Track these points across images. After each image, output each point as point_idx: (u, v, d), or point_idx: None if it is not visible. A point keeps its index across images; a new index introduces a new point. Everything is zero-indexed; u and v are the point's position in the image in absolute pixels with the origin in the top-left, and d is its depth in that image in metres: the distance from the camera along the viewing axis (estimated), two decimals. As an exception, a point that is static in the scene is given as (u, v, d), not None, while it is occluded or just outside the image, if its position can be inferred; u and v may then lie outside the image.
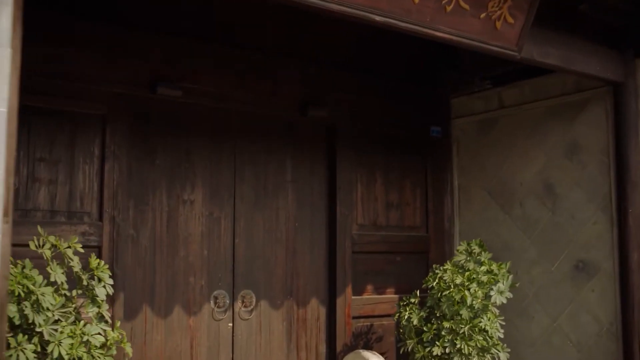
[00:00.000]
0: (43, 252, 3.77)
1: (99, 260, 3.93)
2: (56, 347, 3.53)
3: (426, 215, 6.37)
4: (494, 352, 5.20)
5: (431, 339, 5.19)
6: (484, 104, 6.24)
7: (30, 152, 4.52)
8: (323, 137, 5.86)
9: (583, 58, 4.90)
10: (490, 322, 5.14)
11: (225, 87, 5.25)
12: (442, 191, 6.45)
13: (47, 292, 3.62)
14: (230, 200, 5.35)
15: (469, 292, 5.12)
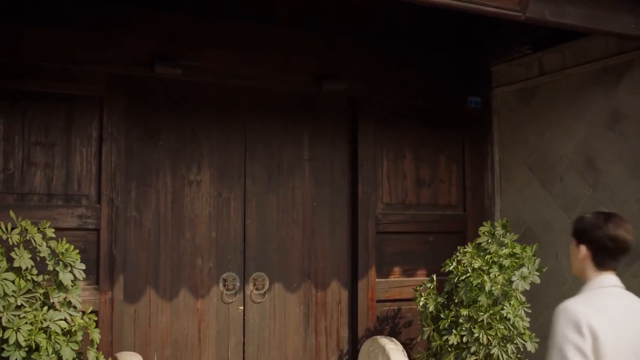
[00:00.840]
0: (10, 237, 3.75)
1: (68, 245, 3.88)
2: (13, 333, 3.51)
3: (463, 192, 5.94)
4: (518, 342, 4.78)
5: (448, 327, 4.83)
6: (525, 71, 5.71)
7: (26, 136, 4.54)
8: (345, 111, 5.57)
9: (612, 15, 4.31)
10: (514, 310, 4.71)
11: (231, 63, 5.07)
12: (481, 166, 5.99)
13: (9, 277, 3.60)
14: (240, 180, 5.19)
15: (488, 277, 4.72)
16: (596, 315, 2.50)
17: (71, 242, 4.49)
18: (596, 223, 2.69)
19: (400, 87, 5.65)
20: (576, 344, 2.46)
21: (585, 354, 2.45)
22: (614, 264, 2.68)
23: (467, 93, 5.92)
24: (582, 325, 2.46)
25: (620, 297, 2.65)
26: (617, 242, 2.64)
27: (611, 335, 2.48)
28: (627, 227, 2.68)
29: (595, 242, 2.68)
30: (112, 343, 4.62)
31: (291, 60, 5.27)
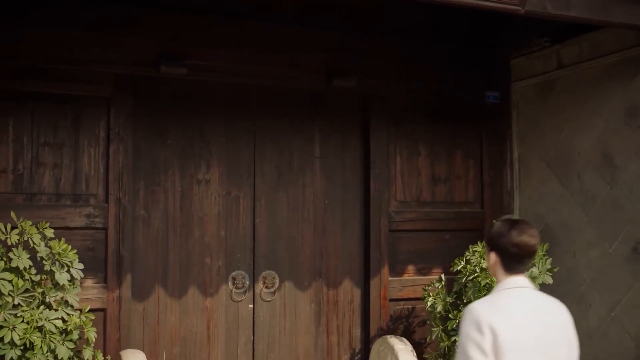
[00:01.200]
0: (9, 237, 3.83)
1: (66, 245, 3.94)
2: (8, 332, 3.59)
3: (481, 189, 5.82)
4: (529, 344, 4.66)
5: (456, 328, 4.74)
6: (543, 65, 5.55)
7: (34, 137, 4.62)
8: (356, 108, 5.51)
9: (622, 5, 4.14)
10: (523, 311, 4.59)
11: (238, 62, 5.06)
12: (500, 162, 5.85)
13: (7, 277, 3.68)
14: (249, 178, 5.19)
15: (496, 278, 4.60)
16: (497, 315, 2.65)
17: (79, 241, 4.64)
18: (500, 231, 2.83)
19: (414, 83, 5.56)
20: (476, 342, 2.62)
21: (484, 351, 2.60)
22: (521, 267, 2.82)
23: (484, 88, 5.79)
24: (483, 324, 2.62)
25: (526, 297, 2.77)
26: (520, 247, 2.77)
27: (511, 333, 2.61)
28: (532, 232, 2.81)
29: (501, 249, 2.81)
30: (120, 340, 4.68)
31: (300, 58, 5.23)
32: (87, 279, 4.67)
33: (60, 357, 3.71)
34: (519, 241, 2.78)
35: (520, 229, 2.81)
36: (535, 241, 2.81)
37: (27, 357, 3.61)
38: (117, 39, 4.76)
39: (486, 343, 2.61)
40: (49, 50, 4.62)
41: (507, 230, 2.81)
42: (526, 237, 2.78)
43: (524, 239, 2.78)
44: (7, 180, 4.54)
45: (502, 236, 2.82)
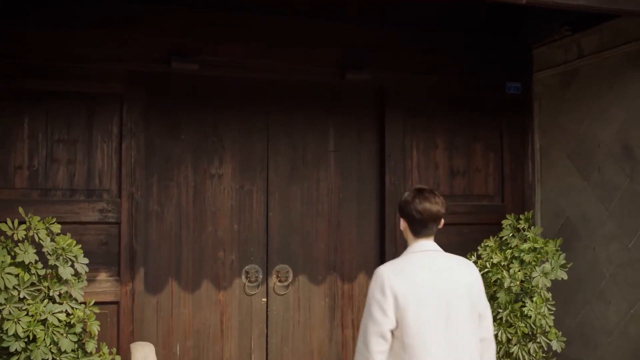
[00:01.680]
0: (16, 232, 3.93)
1: (70, 240, 4.02)
2: (12, 325, 3.69)
3: (502, 182, 5.70)
4: (542, 341, 4.57)
5: (467, 324, 4.67)
6: (564, 54, 5.39)
7: (49, 134, 4.73)
8: (372, 101, 5.46)
9: (634, -8, 4.00)
10: (536, 307, 4.50)
11: (251, 57, 5.07)
12: (521, 155, 5.72)
13: (13, 271, 3.78)
14: (263, 173, 5.20)
15: (507, 273, 4.52)
16: (400, 277, 2.94)
17: (93, 235, 4.74)
18: (407, 200, 3.16)
19: (431, 75, 5.48)
20: (379, 303, 2.91)
21: (385, 311, 2.89)
22: (427, 231, 3.13)
23: (505, 78, 5.67)
24: (386, 287, 2.92)
25: (431, 259, 3.07)
26: (423, 213, 3.09)
27: (412, 293, 2.90)
28: (434, 200, 3.13)
29: (408, 215, 3.13)
30: (134, 333, 4.76)
31: (314, 51, 5.21)
32: (101, 272, 4.78)
33: (64, 349, 3.79)
34: (422, 208, 3.09)
35: (424, 197, 3.13)
36: (437, 208, 3.12)
37: (30, 349, 3.70)
38: (128, 36, 4.82)
39: (388, 304, 2.89)
40: (63, 49, 4.72)
41: (412, 199, 3.14)
42: (428, 204, 3.10)
43: (426, 206, 3.09)
44: (22, 176, 4.66)
45: (408, 204, 3.14)
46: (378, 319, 2.90)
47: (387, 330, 2.90)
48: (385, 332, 2.90)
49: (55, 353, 3.80)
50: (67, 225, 4.67)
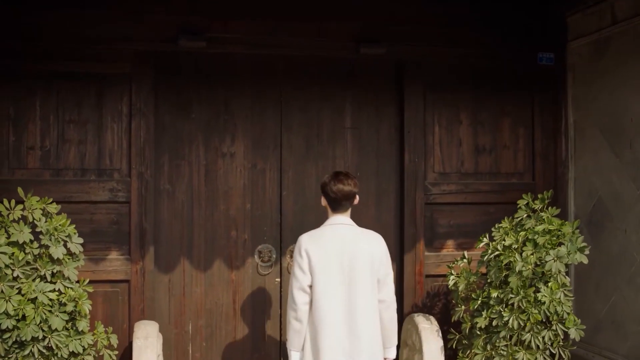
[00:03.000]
0: (12, 212, 4.00)
1: (64, 220, 4.06)
2: (3, 303, 3.77)
3: (532, 159, 5.39)
4: (557, 329, 4.30)
5: (479, 309, 4.46)
6: (597, 21, 5.00)
7: (60, 114, 4.79)
8: (390, 75, 5.26)
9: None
10: (551, 293, 4.23)
11: (261, 32, 4.97)
12: (554, 130, 5.38)
13: (7, 251, 3.85)
14: (276, 151, 5.11)
15: (520, 256, 4.27)
16: (314, 244, 3.68)
17: (104, 214, 4.82)
18: (325, 181, 3.83)
19: (454, 46, 5.21)
20: (299, 263, 3.67)
21: (303, 269, 3.65)
22: (341, 208, 3.80)
23: (536, 49, 5.32)
24: (302, 250, 3.67)
25: (341, 230, 3.74)
26: (337, 193, 3.75)
27: (321, 258, 3.64)
28: (347, 181, 3.76)
29: (326, 194, 3.81)
30: (145, 311, 4.81)
31: (328, 25, 5.05)
32: (112, 251, 4.84)
33: (54, 327, 3.85)
34: (336, 189, 3.75)
35: (338, 179, 3.77)
36: (349, 188, 3.75)
37: (19, 327, 3.77)
38: (136, 15, 4.82)
39: (304, 264, 3.65)
40: (72, 31, 4.76)
41: (329, 181, 3.79)
42: (341, 185, 3.74)
43: (339, 187, 3.74)
44: (35, 157, 4.75)
45: (325, 185, 3.81)
46: (299, 276, 3.66)
47: (307, 285, 3.65)
48: (305, 286, 3.65)
49: (46, 331, 3.86)
50: (78, 205, 4.77)
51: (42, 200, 4.09)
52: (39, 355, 3.87)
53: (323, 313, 3.61)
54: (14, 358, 3.85)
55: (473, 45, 5.24)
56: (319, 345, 3.61)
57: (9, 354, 3.85)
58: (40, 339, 3.85)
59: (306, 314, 3.66)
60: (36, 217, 4.02)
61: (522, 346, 4.32)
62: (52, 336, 3.87)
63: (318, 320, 3.62)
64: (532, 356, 4.31)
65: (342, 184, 3.74)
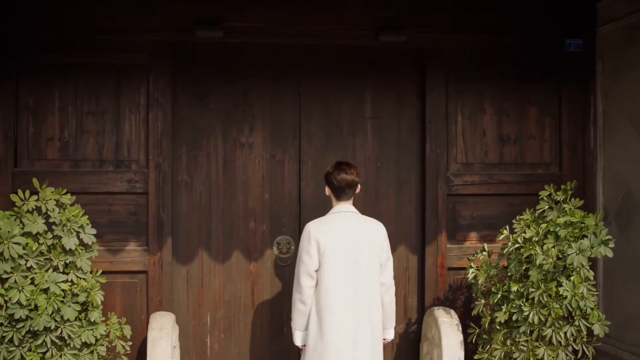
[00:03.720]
0: (26, 203, 4.02)
1: (77, 211, 4.06)
2: (16, 293, 3.79)
3: (559, 149, 5.23)
4: (580, 324, 4.16)
5: (499, 302, 4.34)
6: (627, 4, 4.81)
7: (78, 105, 4.81)
8: (412, 64, 5.14)
9: None
10: (573, 287, 4.10)
11: (279, 21, 4.91)
12: (582, 119, 5.21)
13: (21, 241, 3.87)
14: (295, 141, 5.05)
15: (540, 249, 4.14)
16: (322, 231, 3.91)
17: (122, 205, 4.83)
18: (329, 171, 4.06)
19: (477, 34, 5.08)
20: (307, 249, 3.90)
21: (311, 255, 3.88)
22: (345, 196, 4.03)
23: (564, 35, 5.16)
24: (311, 237, 3.90)
25: (346, 218, 3.98)
26: (340, 182, 3.98)
27: (329, 241, 3.88)
28: (351, 171, 4.00)
29: (330, 183, 4.03)
30: (162, 302, 4.80)
31: (347, 13, 4.97)
32: (130, 242, 4.85)
33: (66, 317, 3.85)
34: (339, 178, 3.97)
35: (342, 169, 4.00)
36: (351, 177, 3.98)
37: (32, 317, 3.79)
38: (153, 6, 4.79)
39: (313, 250, 3.88)
40: (89, 21, 4.77)
41: (332, 170, 4.02)
42: (344, 175, 3.97)
43: (342, 176, 3.97)
44: (54, 148, 4.78)
45: (329, 175, 4.03)
46: (306, 261, 3.89)
47: (313, 270, 3.89)
48: (312, 271, 3.89)
49: (59, 321, 3.87)
50: (96, 196, 4.79)
51: (56, 191, 4.10)
52: (51, 345, 3.88)
53: (329, 296, 3.85)
54: (28, 347, 3.87)
55: (497, 32, 5.10)
56: (324, 327, 3.85)
57: (23, 343, 3.87)
58: (53, 329, 3.86)
59: (311, 297, 3.92)
60: (50, 208, 4.03)
61: (543, 342, 4.20)
62: (64, 326, 3.88)
63: (324, 303, 3.86)
64: (554, 352, 4.18)
65: (345, 173, 3.97)
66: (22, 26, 4.69)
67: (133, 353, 4.80)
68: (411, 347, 5.13)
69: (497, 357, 4.29)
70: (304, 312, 3.94)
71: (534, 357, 4.18)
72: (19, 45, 4.69)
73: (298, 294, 3.94)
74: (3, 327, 3.84)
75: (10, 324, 3.85)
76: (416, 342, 5.11)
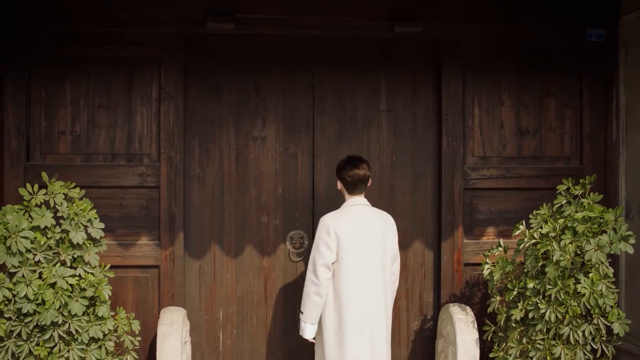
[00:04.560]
0: (35, 197, 4.00)
1: (85, 205, 4.03)
2: (24, 287, 3.77)
3: (580, 142, 5.09)
4: (600, 323, 4.04)
5: (515, 300, 4.22)
6: (650, -8, 4.67)
7: (90, 99, 4.78)
8: (427, 56, 5.03)
9: None
10: (591, 285, 3.97)
11: (292, 13, 4.83)
12: (604, 111, 5.06)
13: (29, 235, 3.85)
14: (308, 134, 4.97)
15: (558, 245, 4.02)
16: (340, 223, 3.99)
17: (134, 199, 4.79)
18: (340, 166, 4.16)
19: (495, 24, 4.95)
20: (325, 241, 3.97)
21: (330, 247, 3.95)
22: (357, 190, 4.13)
23: (585, 24, 5.01)
24: (330, 229, 3.97)
25: (360, 211, 4.08)
26: (353, 177, 4.08)
27: (347, 233, 3.97)
28: (362, 166, 4.10)
29: (342, 178, 4.14)
30: (175, 296, 4.76)
31: (361, 3, 4.86)
32: (142, 236, 4.82)
33: (74, 312, 3.83)
34: (352, 173, 4.07)
35: (353, 164, 4.09)
36: (363, 172, 4.08)
37: (39, 311, 3.77)
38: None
39: (332, 242, 3.95)
40: (100, 14, 4.74)
41: (344, 165, 4.12)
42: (356, 170, 4.06)
43: (355, 171, 4.07)
44: (66, 142, 4.76)
45: (341, 169, 4.13)
46: (325, 254, 3.95)
47: (330, 263, 3.95)
48: (329, 263, 3.95)
49: (66, 316, 3.84)
50: (108, 190, 4.77)
51: (64, 185, 4.07)
52: (59, 340, 3.86)
53: (348, 288, 3.96)
54: (35, 342, 3.85)
55: (516, 22, 4.97)
56: (343, 316, 3.96)
57: (31, 337, 3.85)
58: (60, 323, 3.84)
59: (327, 289, 3.98)
60: (58, 202, 4.00)
61: (561, 340, 4.08)
62: (72, 321, 3.85)
63: (344, 296, 3.96)
64: (571, 351, 4.06)
65: (357, 168, 4.07)
66: (33, 19, 4.68)
67: (145, 348, 4.78)
68: (427, 344, 5.04)
69: (512, 356, 4.18)
70: (320, 304, 3.98)
71: (550, 356, 4.06)
72: (31, 38, 4.68)
73: (315, 286, 3.98)
74: (11, 322, 3.83)
75: (19, 319, 3.83)
76: (432, 339, 5.01)
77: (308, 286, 4.02)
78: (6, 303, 3.81)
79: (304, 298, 4.04)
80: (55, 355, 3.85)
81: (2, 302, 3.79)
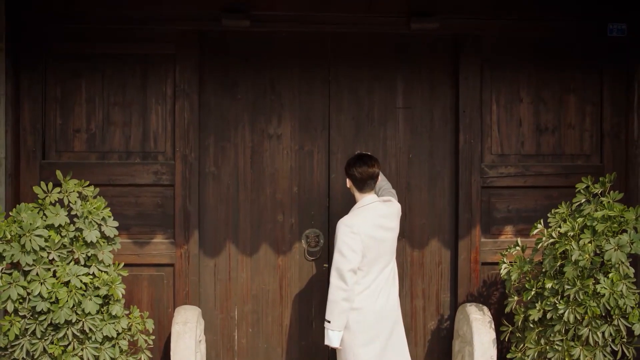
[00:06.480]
0: (49, 195, 3.99)
1: (99, 204, 4.02)
2: (38, 285, 3.77)
3: (600, 139, 5.00)
4: (620, 324, 3.96)
5: (533, 300, 4.16)
6: (673, -13, 4.57)
7: (105, 97, 4.78)
8: (445, 52, 4.97)
9: None
10: (611, 285, 3.89)
11: (308, 9, 4.79)
12: (625, 108, 4.96)
13: (44, 234, 3.84)
14: (324, 132, 4.93)
15: (576, 245, 3.94)
16: (360, 224, 3.91)
17: (149, 197, 4.78)
18: (349, 163, 4.10)
19: (513, 19, 4.87)
20: (349, 245, 3.87)
21: (355, 250, 3.87)
22: (367, 188, 4.06)
23: (605, 19, 4.92)
24: (354, 232, 3.88)
25: (376, 208, 4.03)
26: (362, 174, 4.01)
27: (368, 232, 3.92)
28: (370, 163, 4.04)
29: (351, 175, 4.08)
30: (189, 295, 4.75)
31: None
32: (157, 234, 4.81)
33: (87, 311, 3.82)
34: (361, 170, 4.01)
35: (363, 161, 4.04)
36: (373, 169, 4.02)
37: (53, 310, 3.76)
38: (181, -5, 4.73)
39: (357, 244, 3.87)
40: (115, 11, 4.72)
41: (353, 163, 4.06)
42: (365, 167, 4.01)
43: (364, 168, 4.01)
44: (81, 140, 4.76)
45: (350, 167, 4.07)
46: (351, 257, 3.86)
47: (356, 266, 3.88)
48: (356, 267, 3.88)
49: (80, 314, 3.84)
50: (123, 188, 4.76)
51: (78, 183, 4.07)
52: (73, 338, 3.85)
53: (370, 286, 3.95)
54: (50, 340, 3.85)
55: (534, 17, 4.88)
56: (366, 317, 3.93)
57: (45, 335, 3.85)
58: (74, 322, 3.84)
59: (354, 293, 3.90)
60: (72, 200, 4.00)
61: (579, 342, 4.00)
62: (85, 320, 3.85)
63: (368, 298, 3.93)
64: (591, 353, 3.98)
65: (367, 165, 4.02)
66: (48, 16, 4.68)
67: (160, 346, 4.77)
68: (443, 344, 4.98)
69: (530, 357, 4.12)
70: (347, 310, 3.89)
71: (569, 357, 3.99)
72: (46, 35, 4.68)
73: (343, 292, 3.86)
74: (26, 320, 3.83)
75: (33, 317, 3.83)
76: (449, 339, 4.95)
77: (335, 293, 3.87)
78: (21, 301, 3.81)
79: (331, 306, 3.88)
80: (69, 353, 3.84)
81: (17, 300, 3.79)
